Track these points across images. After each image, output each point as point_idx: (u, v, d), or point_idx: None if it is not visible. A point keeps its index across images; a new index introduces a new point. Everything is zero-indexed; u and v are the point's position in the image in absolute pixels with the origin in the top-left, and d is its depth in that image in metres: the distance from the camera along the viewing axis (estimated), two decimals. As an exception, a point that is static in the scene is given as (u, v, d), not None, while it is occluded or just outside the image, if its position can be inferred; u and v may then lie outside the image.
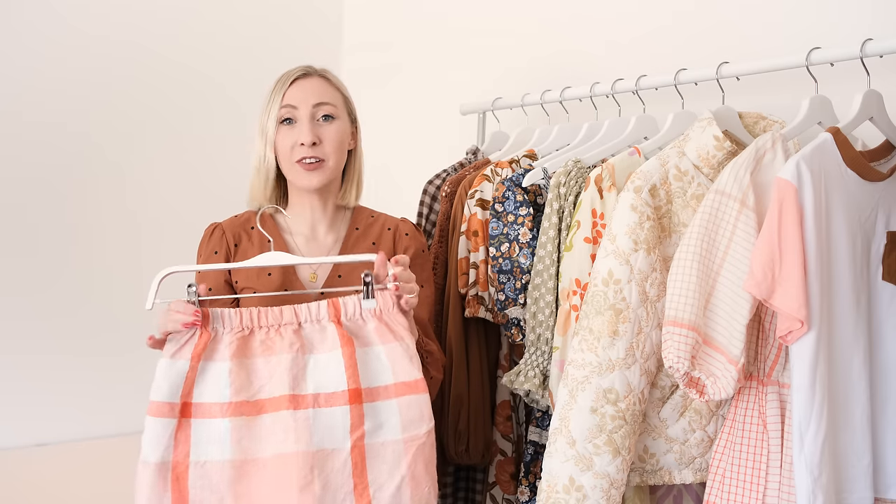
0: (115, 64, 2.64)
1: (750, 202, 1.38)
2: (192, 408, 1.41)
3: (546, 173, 1.77)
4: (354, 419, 1.41)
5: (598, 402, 1.44)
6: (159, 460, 1.38)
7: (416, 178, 2.25)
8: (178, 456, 1.39)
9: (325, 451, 1.40)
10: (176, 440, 1.39)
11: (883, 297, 1.43)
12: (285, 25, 3.00)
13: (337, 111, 1.66)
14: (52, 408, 2.53)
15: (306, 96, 1.63)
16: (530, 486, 1.76)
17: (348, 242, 1.71)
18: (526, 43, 2.45)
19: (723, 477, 1.43)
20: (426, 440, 1.43)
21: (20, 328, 2.48)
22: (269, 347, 1.44)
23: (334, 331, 1.45)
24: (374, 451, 1.42)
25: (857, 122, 1.44)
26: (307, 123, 1.63)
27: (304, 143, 1.61)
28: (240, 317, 1.44)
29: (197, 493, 1.38)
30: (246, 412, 1.41)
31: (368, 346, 1.46)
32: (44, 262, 2.54)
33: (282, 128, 1.64)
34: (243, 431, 1.41)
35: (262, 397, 1.43)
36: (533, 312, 1.71)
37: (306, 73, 1.67)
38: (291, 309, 1.46)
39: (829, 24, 1.72)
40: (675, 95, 1.76)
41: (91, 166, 2.60)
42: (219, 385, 1.41)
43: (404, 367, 1.45)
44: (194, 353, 1.41)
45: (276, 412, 1.41)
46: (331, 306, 1.47)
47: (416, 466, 1.42)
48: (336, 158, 1.66)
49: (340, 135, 1.66)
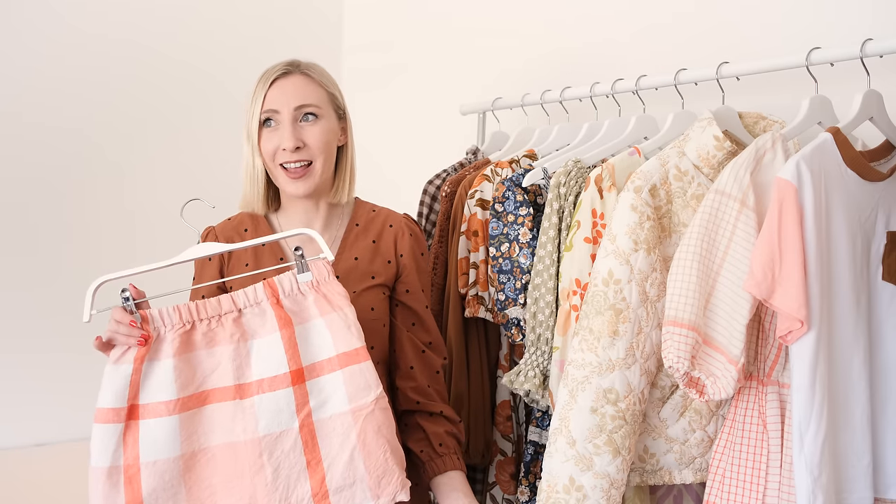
0: (115, 63, 2.64)
1: (750, 202, 1.38)
2: (140, 410, 1.41)
3: (546, 173, 1.77)
4: (299, 399, 1.41)
5: (598, 402, 1.44)
6: (109, 464, 1.38)
7: (416, 178, 2.25)
8: (128, 459, 1.39)
9: (273, 435, 1.40)
10: (125, 443, 1.39)
11: (883, 297, 1.43)
12: (285, 25, 3.00)
13: (321, 110, 1.60)
14: (52, 408, 2.53)
15: (287, 98, 1.58)
16: (530, 486, 1.76)
17: (348, 239, 1.68)
18: (526, 43, 2.45)
19: (723, 477, 1.43)
20: (374, 407, 1.41)
21: (20, 328, 2.48)
22: (211, 339, 1.44)
23: (272, 313, 1.44)
24: (323, 426, 1.41)
25: (857, 122, 1.43)
26: (289, 126, 1.57)
27: (286, 148, 1.56)
28: (178, 313, 1.43)
29: (151, 492, 1.39)
30: (193, 405, 1.42)
31: (309, 321, 1.45)
32: (43, 262, 2.54)
33: (264, 131, 1.59)
34: (192, 425, 1.41)
35: (207, 388, 1.43)
36: (533, 312, 1.71)
37: (287, 70, 1.60)
38: (229, 297, 1.45)
39: (829, 24, 1.72)
40: (675, 95, 1.76)
41: (90, 166, 2.60)
42: (164, 383, 1.41)
43: (344, 337, 1.43)
44: (137, 356, 1.41)
45: (222, 402, 1.42)
46: (267, 287, 1.45)
47: (367, 435, 1.40)
48: (323, 159, 1.60)
49: (326, 134, 1.60)
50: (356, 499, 1.40)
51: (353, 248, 1.67)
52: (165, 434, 1.39)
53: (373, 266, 1.66)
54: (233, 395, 1.42)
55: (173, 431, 1.40)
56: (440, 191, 2.07)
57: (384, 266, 1.67)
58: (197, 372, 1.43)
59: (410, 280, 1.69)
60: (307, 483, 1.40)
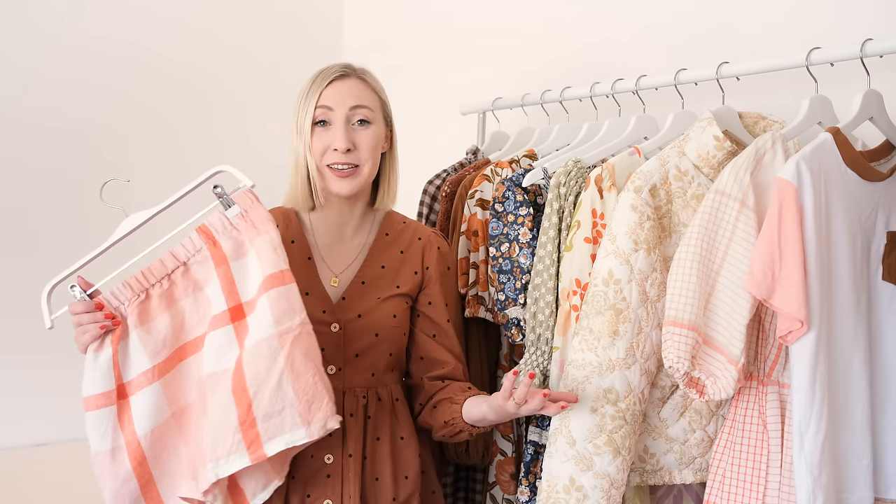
0: (115, 64, 2.64)
1: (750, 202, 1.38)
2: (127, 387, 1.44)
3: (546, 173, 1.77)
4: (239, 336, 1.41)
5: (598, 402, 1.44)
6: (111, 446, 1.42)
7: (416, 178, 2.25)
8: (127, 436, 1.43)
9: (217, 374, 1.42)
10: (121, 423, 1.43)
11: (883, 297, 1.43)
12: (286, 25, 2.99)
13: (373, 115, 1.62)
14: (52, 408, 2.53)
15: (343, 98, 1.58)
16: (530, 486, 1.76)
17: (377, 247, 1.68)
18: (526, 43, 2.45)
19: (723, 477, 1.43)
20: (301, 331, 1.39)
21: (20, 328, 2.48)
22: (169, 299, 1.46)
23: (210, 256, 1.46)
24: (251, 351, 1.38)
25: (857, 122, 1.43)
26: (342, 127, 1.57)
27: (337, 149, 1.57)
28: (129, 287, 1.46)
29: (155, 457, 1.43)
30: (171, 367, 1.45)
31: (246, 256, 1.45)
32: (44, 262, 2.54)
33: (316, 129, 1.59)
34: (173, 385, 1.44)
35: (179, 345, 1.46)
36: (533, 312, 1.71)
37: (345, 73, 1.62)
38: (170, 253, 1.47)
39: (829, 24, 1.72)
40: (675, 95, 1.76)
41: (90, 167, 2.60)
42: (138, 355, 1.44)
43: (269, 259, 1.41)
44: (114, 338, 1.44)
45: (194, 354, 1.45)
46: (201, 232, 1.47)
47: (295, 358, 1.37)
48: (370, 165, 1.61)
49: (376, 139, 1.61)
50: (285, 425, 1.36)
51: (382, 256, 1.68)
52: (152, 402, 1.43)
53: (399, 276, 1.67)
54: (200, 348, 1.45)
55: (159, 397, 1.43)
56: (440, 191, 2.07)
57: (410, 276, 1.68)
58: (165, 335, 1.45)
59: (433, 292, 1.70)
60: (234, 412, 1.37)
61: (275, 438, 1.37)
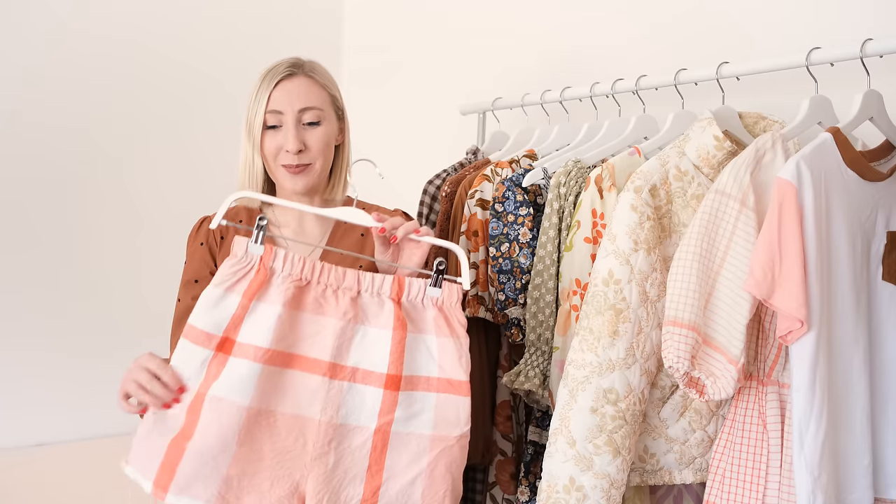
0: (116, 63, 2.64)
1: (750, 202, 1.38)
2: (234, 346, 1.37)
3: (546, 173, 1.77)
4: (386, 403, 1.37)
5: (598, 402, 1.44)
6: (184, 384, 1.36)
7: (416, 178, 2.25)
8: (203, 387, 1.36)
9: (348, 427, 1.37)
10: (208, 371, 1.36)
11: (883, 297, 1.43)
12: (285, 25, 3.00)
13: (323, 114, 1.63)
14: (52, 408, 2.53)
15: (291, 100, 1.59)
16: (530, 486, 1.76)
17: (336, 235, 1.69)
18: (526, 43, 2.45)
19: (723, 477, 1.43)
20: (455, 444, 1.39)
21: (20, 327, 2.48)
22: (320, 306, 1.40)
23: (391, 309, 1.41)
24: (399, 439, 1.38)
25: (857, 122, 1.44)
26: (293, 129, 1.59)
27: (289, 150, 1.59)
28: (302, 264, 1.40)
29: (205, 424, 1.34)
30: (278, 363, 1.37)
31: (421, 334, 1.42)
32: (45, 261, 2.54)
33: (267, 132, 1.61)
34: (270, 382, 1.37)
35: (297, 352, 1.38)
36: (533, 312, 1.71)
37: (292, 72, 1.62)
38: (355, 274, 1.42)
39: (829, 24, 1.72)
40: (675, 95, 1.76)
41: (91, 166, 2.61)
42: (264, 328, 1.37)
43: (452, 365, 1.40)
44: (247, 290, 1.37)
45: (309, 373, 1.38)
46: (395, 283, 1.42)
47: (438, 466, 1.37)
48: (322, 161, 1.63)
49: (326, 137, 1.63)
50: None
51: (341, 243, 1.68)
52: (245, 378, 1.35)
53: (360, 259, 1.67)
54: (324, 371, 1.38)
55: (251, 379, 1.35)
56: (440, 191, 2.07)
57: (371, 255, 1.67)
58: (295, 331, 1.39)
59: None
60: (361, 486, 1.36)
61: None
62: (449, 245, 1.45)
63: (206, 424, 1.34)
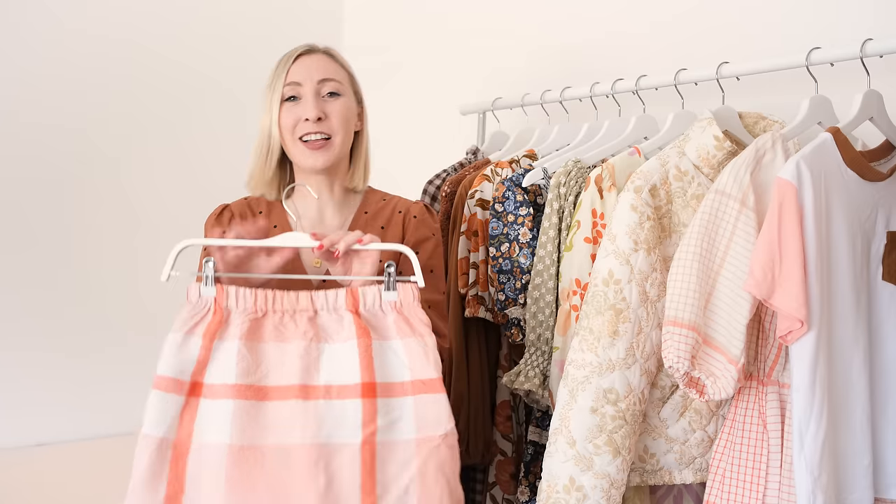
0: (113, 63, 2.64)
1: (750, 202, 1.38)
2: (203, 388, 1.36)
3: (546, 173, 1.77)
4: (367, 414, 1.36)
5: (598, 402, 1.44)
6: (162, 435, 1.34)
7: (416, 178, 2.25)
8: (181, 435, 1.35)
9: (334, 445, 1.35)
10: (182, 419, 1.35)
11: (883, 297, 1.43)
12: (285, 25, 3.00)
13: (342, 88, 1.63)
14: (52, 408, 2.53)
15: (310, 73, 1.60)
16: (530, 486, 1.76)
17: (356, 226, 1.66)
18: (526, 43, 2.45)
19: (723, 477, 1.43)
20: (441, 443, 1.37)
21: (17, 327, 2.48)
22: (281, 333, 1.39)
23: (351, 320, 1.40)
24: (386, 449, 1.36)
25: (857, 122, 1.44)
26: (312, 99, 1.58)
27: (308, 119, 1.57)
28: (254, 298, 1.39)
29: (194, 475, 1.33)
30: (251, 396, 1.36)
31: (386, 340, 1.41)
32: (43, 261, 2.54)
33: (286, 105, 1.60)
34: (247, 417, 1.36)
35: (268, 384, 1.37)
36: (533, 312, 1.71)
37: (310, 49, 1.63)
38: (308, 295, 1.41)
39: (829, 23, 1.72)
40: (675, 95, 1.76)
41: (88, 166, 2.61)
42: (227, 365, 1.36)
43: (422, 365, 1.39)
44: (207, 331, 1.37)
45: (283, 401, 1.37)
46: (349, 295, 1.41)
47: (428, 470, 1.35)
48: (342, 136, 1.61)
49: (347, 111, 1.62)
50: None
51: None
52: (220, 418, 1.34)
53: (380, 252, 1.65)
54: (296, 395, 1.36)
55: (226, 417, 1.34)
56: (440, 191, 2.07)
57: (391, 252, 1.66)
58: (262, 363, 1.38)
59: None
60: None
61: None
62: (397, 247, 1.44)
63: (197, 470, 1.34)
